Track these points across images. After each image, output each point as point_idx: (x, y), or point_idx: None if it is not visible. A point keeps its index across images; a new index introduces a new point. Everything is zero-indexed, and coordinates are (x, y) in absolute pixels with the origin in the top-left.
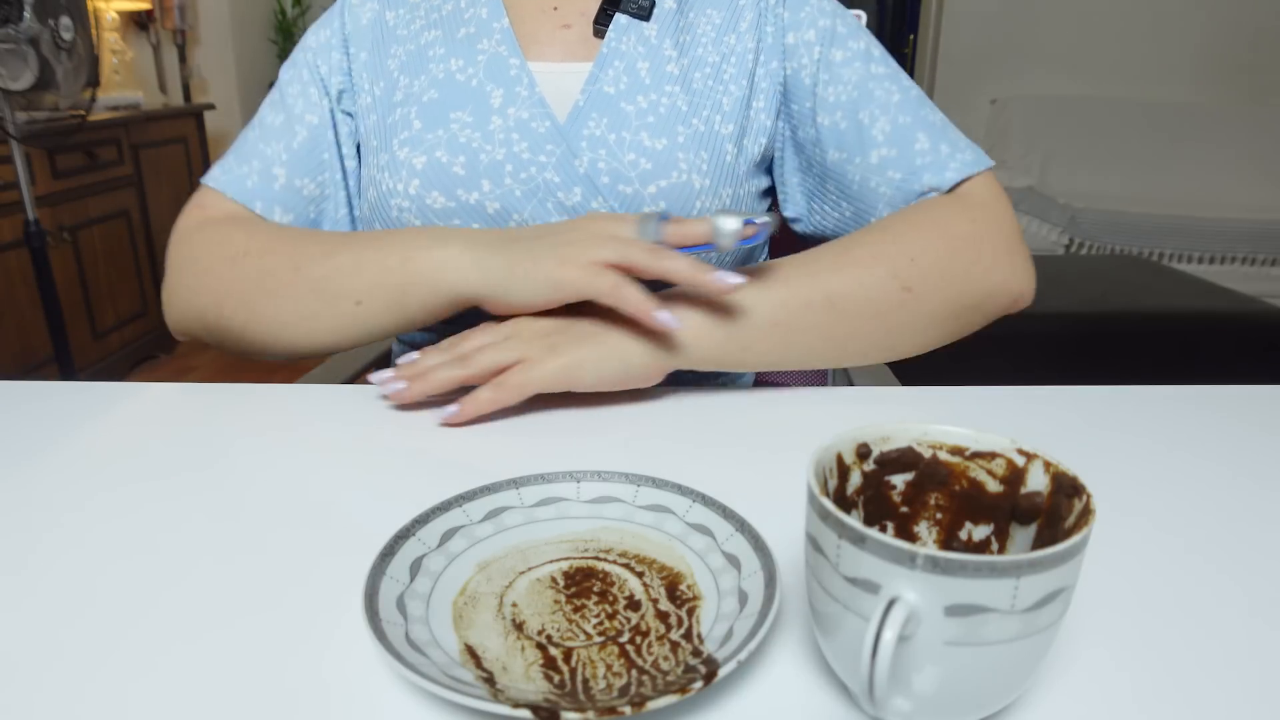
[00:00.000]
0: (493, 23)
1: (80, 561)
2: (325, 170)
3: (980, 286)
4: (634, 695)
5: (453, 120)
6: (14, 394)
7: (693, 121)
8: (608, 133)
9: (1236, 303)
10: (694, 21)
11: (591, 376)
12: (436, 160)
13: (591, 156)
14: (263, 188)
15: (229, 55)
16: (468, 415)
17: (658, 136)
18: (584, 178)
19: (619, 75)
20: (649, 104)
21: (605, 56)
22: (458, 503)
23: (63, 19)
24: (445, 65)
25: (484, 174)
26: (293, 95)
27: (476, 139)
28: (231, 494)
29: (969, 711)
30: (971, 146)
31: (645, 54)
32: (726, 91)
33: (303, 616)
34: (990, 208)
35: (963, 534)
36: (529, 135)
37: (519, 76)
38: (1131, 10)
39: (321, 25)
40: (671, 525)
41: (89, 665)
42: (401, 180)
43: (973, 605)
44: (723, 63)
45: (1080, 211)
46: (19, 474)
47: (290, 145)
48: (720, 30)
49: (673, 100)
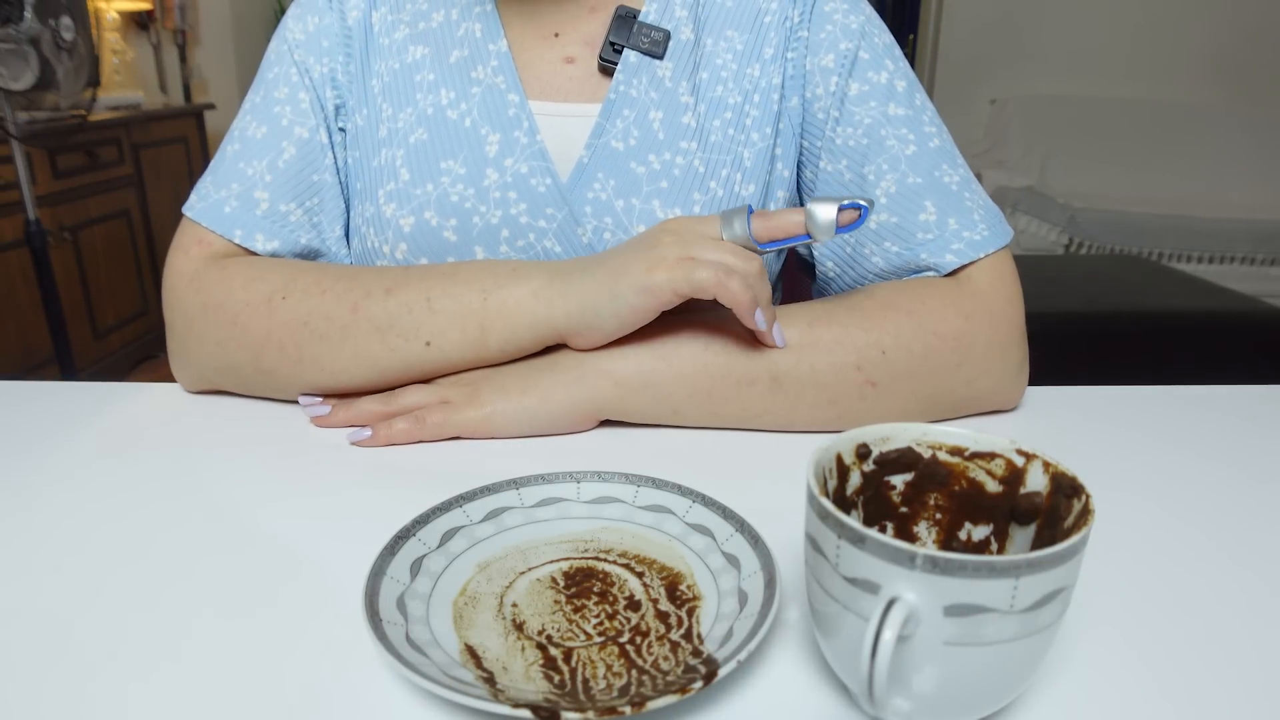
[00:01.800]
0: (488, 44)
1: (80, 561)
2: (318, 193)
3: (959, 395)
4: (634, 695)
5: (443, 171)
6: (14, 394)
7: (710, 185)
8: (614, 198)
9: (1236, 303)
10: (713, 51)
11: (512, 427)
12: (425, 222)
13: (596, 225)
14: (242, 214)
15: (229, 55)
16: (379, 441)
17: (670, 206)
18: (588, 249)
19: (629, 128)
20: (662, 166)
21: (613, 104)
22: (458, 503)
23: (63, 19)
24: (434, 97)
25: (477, 240)
26: (279, 100)
27: (470, 198)
28: (231, 494)
29: (968, 711)
30: (987, 218)
31: (658, 101)
32: (749, 142)
33: (303, 616)
34: (990, 301)
35: (962, 534)
36: (528, 195)
37: (518, 118)
38: (1131, 10)
39: (309, 9)
40: (671, 525)
41: (89, 665)
42: (388, 242)
43: (972, 605)
44: (745, 104)
45: (1080, 211)
46: (19, 474)
47: (275, 164)
48: (742, 59)
49: (688, 160)
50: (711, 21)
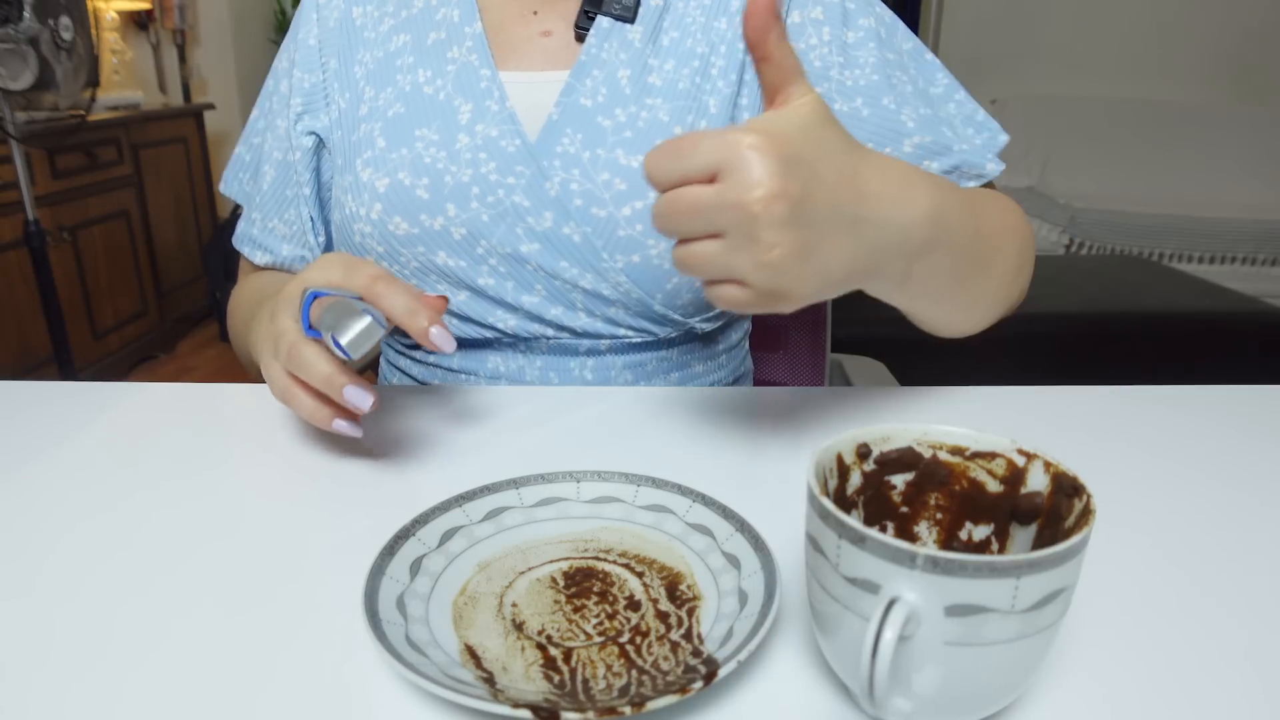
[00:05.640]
0: (464, 27)
1: (80, 561)
2: (294, 206)
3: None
4: (634, 695)
5: (417, 138)
6: (14, 394)
7: (674, 131)
8: (581, 150)
9: (1236, 303)
10: (682, 10)
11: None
12: (399, 182)
13: (564, 178)
14: (248, 231)
15: (229, 55)
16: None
17: (634, 153)
18: (554, 201)
19: (597, 86)
20: (628, 117)
21: (584, 65)
22: (458, 503)
23: (62, 19)
24: (413, 76)
25: (449, 197)
26: (263, 120)
27: (442, 159)
28: (231, 494)
29: (969, 711)
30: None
31: (627, 60)
32: (714, 89)
33: (302, 616)
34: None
35: (963, 534)
36: (497, 155)
37: (489, 89)
38: (1131, 10)
39: (290, 31)
40: (671, 525)
41: (89, 665)
42: (364, 204)
43: (973, 605)
44: (710, 54)
45: (1080, 211)
46: (19, 474)
47: (261, 187)
48: (710, 12)
49: (653, 113)
50: None
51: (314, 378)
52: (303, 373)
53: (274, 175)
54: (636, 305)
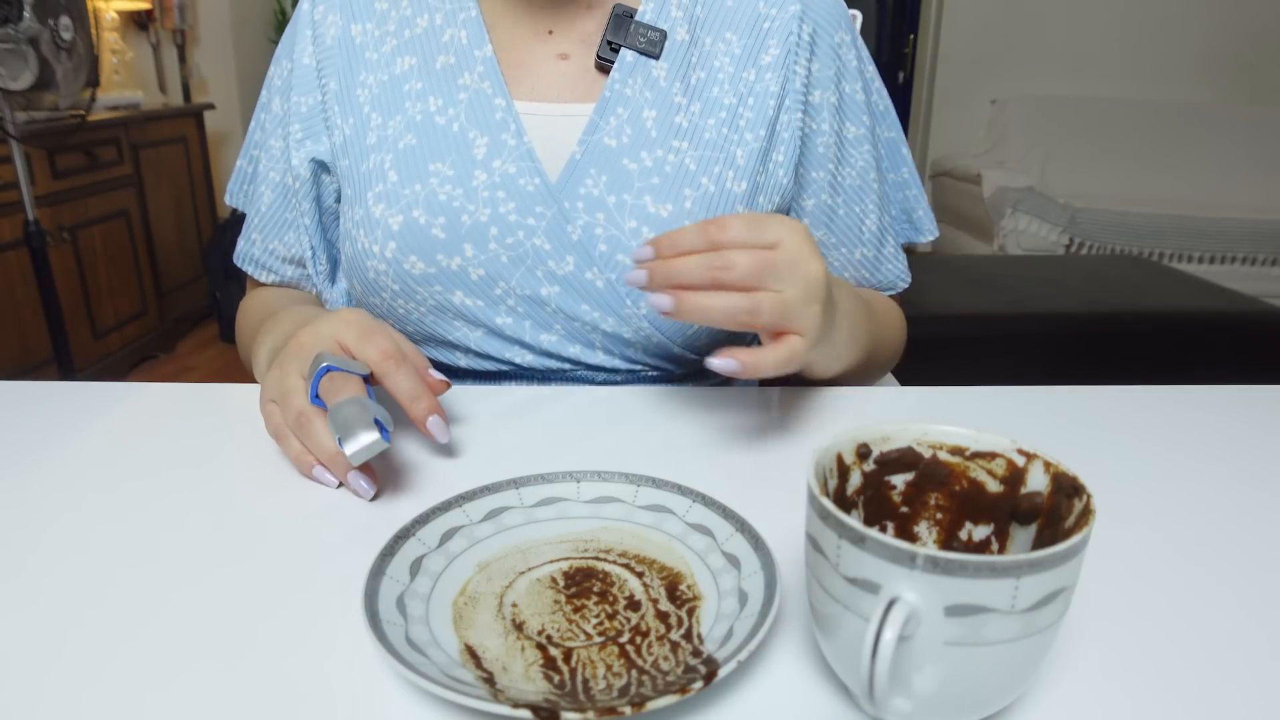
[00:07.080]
0: (474, 50)
1: (80, 561)
2: (292, 230)
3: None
4: (634, 695)
5: (431, 173)
6: (14, 394)
7: (702, 181)
8: (606, 194)
9: (1236, 303)
10: (710, 52)
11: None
12: (414, 220)
13: (587, 221)
14: (249, 251)
15: (229, 55)
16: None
17: (662, 201)
18: (577, 246)
19: (622, 125)
20: (654, 162)
21: (608, 101)
22: (458, 503)
23: (62, 19)
24: (423, 104)
25: (466, 238)
26: (260, 132)
27: (459, 197)
28: (231, 494)
29: (969, 711)
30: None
31: (653, 100)
32: (742, 142)
33: (302, 616)
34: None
35: (963, 534)
36: (516, 194)
37: (505, 121)
38: (1131, 10)
39: (284, 45)
40: (671, 525)
41: (89, 665)
42: (377, 241)
43: (973, 605)
44: (739, 105)
45: (1080, 211)
46: (19, 474)
47: (259, 209)
48: (739, 63)
49: (680, 158)
50: (710, 21)
51: (321, 453)
52: (310, 444)
53: (271, 197)
54: (657, 348)
